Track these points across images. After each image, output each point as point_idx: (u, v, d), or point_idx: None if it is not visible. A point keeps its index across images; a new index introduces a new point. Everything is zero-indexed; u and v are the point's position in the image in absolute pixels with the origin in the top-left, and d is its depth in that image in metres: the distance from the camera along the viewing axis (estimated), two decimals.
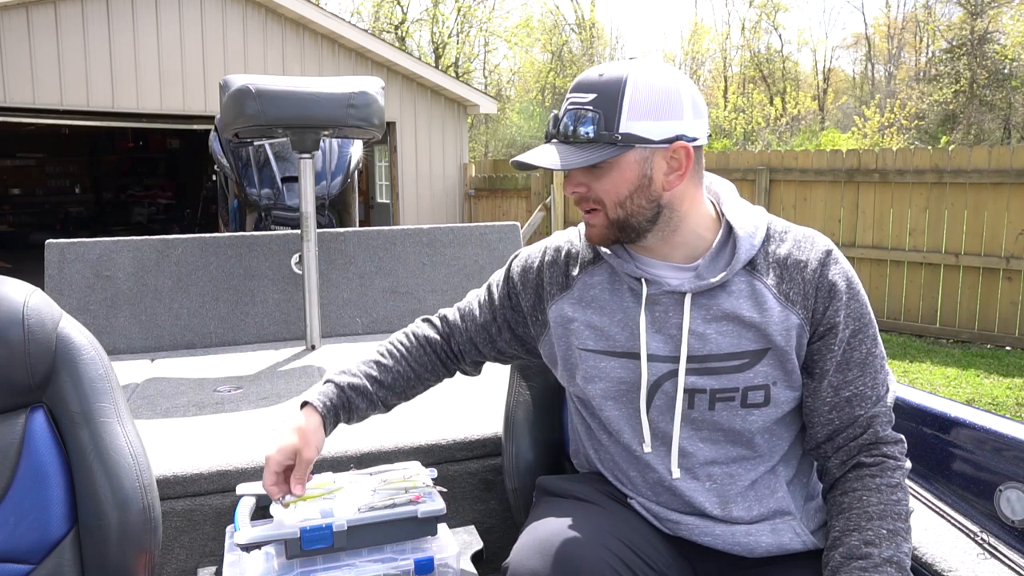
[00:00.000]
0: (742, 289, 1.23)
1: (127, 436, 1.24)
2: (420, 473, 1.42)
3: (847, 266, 1.26)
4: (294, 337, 2.81)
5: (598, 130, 1.17)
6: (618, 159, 1.18)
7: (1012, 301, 6.19)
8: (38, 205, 14.52)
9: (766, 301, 1.21)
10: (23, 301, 1.18)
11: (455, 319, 1.47)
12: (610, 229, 1.23)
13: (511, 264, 1.44)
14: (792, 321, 1.21)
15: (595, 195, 1.21)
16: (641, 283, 1.25)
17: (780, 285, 1.23)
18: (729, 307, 1.21)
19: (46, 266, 2.61)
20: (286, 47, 10.28)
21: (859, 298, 1.24)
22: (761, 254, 1.25)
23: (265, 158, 3.97)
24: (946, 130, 19.02)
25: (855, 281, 1.25)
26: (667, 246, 1.26)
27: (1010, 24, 19.65)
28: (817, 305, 1.22)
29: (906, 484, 1.21)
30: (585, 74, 1.21)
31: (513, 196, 10.57)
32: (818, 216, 7.27)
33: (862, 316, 1.24)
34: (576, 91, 1.20)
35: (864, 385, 1.23)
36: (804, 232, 1.28)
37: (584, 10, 30.57)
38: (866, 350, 1.23)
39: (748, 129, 21.23)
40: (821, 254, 1.24)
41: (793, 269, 1.23)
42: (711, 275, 1.23)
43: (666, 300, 1.24)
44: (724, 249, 1.26)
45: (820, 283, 1.22)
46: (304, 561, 1.25)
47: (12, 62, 8.69)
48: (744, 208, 1.30)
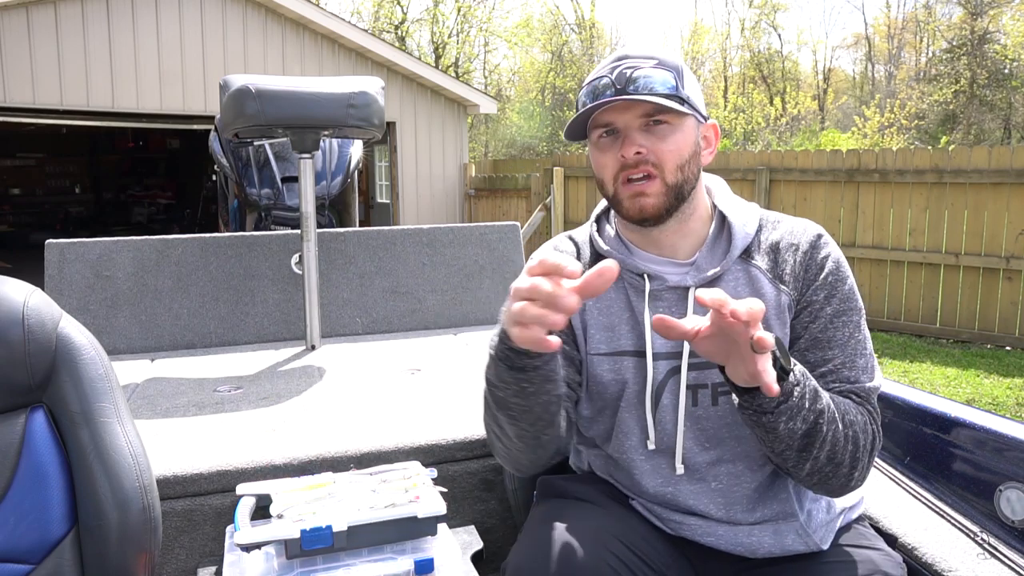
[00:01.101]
0: (739, 278, 1.24)
1: (127, 436, 1.24)
2: (420, 473, 1.42)
3: (837, 251, 1.27)
4: (294, 337, 2.81)
5: (677, 86, 1.19)
6: (683, 121, 1.20)
7: (1012, 301, 6.19)
8: (38, 205, 14.52)
9: (762, 285, 1.23)
10: (23, 301, 1.18)
11: None
12: (667, 196, 1.20)
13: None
14: (783, 300, 1.22)
15: (655, 158, 1.19)
16: (644, 279, 1.25)
17: (774, 268, 1.24)
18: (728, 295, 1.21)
19: (46, 266, 2.61)
20: (286, 47, 10.28)
21: (847, 282, 1.24)
22: (755, 242, 1.27)
23: (265, 158, 3.97)
24: (946, 130, 19.02)
25: (844, 265, 1.25)
26: (677, 234, 1.26)
27: (1010, 24, 19.65)
28: (804, 283, 1.23)
29: (868, 430, 1.16)
30: (625, 49, 1.24)
31: (513, 196, 10.57)
32: (818, 216, 7.27)
33: (848, 299, 1.23)
34: (627, 58, 1.20)
35: (843, 365, 1.20)
36: (797, 220, 1.31)
37: (584, 10, 30.57)
38: (848, 333, 1.21)
39: (748, 129, 21.22)
40: (812, 236, 1.26)
41: (786, 251, 1.25)
42: (710, 267, 1.24)
43: (669, 296, 1.25)
44: (719, 240, 1.27)
45: (809, 262, 1.24)
46: (304, 561, 1.25)
47: (12, 62, 8.69)
48: (736, 200, 1.32)
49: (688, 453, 1.23)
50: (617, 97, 1.16)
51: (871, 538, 1.25)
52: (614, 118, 1.20)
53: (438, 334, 2.85)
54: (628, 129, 1.20)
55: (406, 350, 2.61)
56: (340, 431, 1.79)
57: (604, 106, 1.17)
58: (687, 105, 1.19)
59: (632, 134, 1.19)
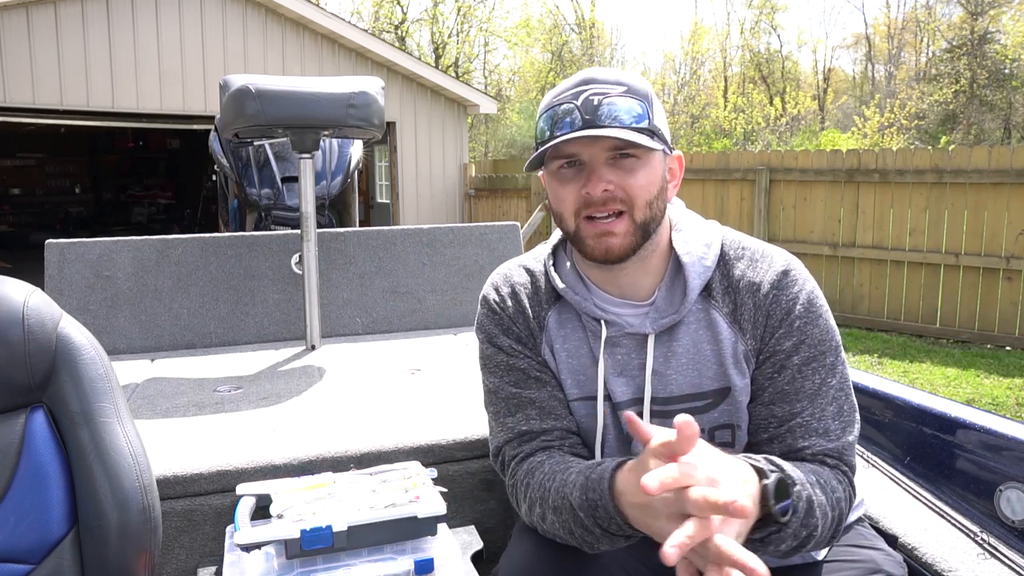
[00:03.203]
0: (700, 319, 1.16)
1: (127, 436, 1.24)
2: (420, 473, 1.42)
3: (808, 287, 1.14)
4: (294, 337, 2.81)
5: (646, 116, 1.09)
6: (651, 156, 1.12)
7: (1012, 301, 6.19)
8: (38, 205, 14.53)
9: (720, 331, 1.14)
10: (23, 301, 1.18)
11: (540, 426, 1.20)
12: (634, 234, 1.11)
13: (485, 358, 1.27)
14: (739, 349, 1.13)
15: (624, 194, 1.10)
16: (600, 325, 1.18)
17: (734, 312, 1.15)
18: (688, 341, 1.15)
19: (46, 266, 2.61)
20: (286, 47, 10.28)
21: (818, 323, 1.13)
22: (717, 276, 1.17)
23: (265, 158, 3.97)
24: (946, 130, 19.02)
25: (817, 303, 1.14)
26: (638, 272, 1.18)
27: (1010, 24, 19.65)
28: (767, 331, 1.13)
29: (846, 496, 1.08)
30: (591, 71, 1.15)
31: (513, 196, 10.57)
32: (818, 216, 7.27)
33: (820, 343, 1.12)
34: (593, 83, 1.11)
35: (811, 417, 1.10)
36: (762, 249, 1.18)
37: (584, 10, 30.55)
38: (819, 380, 1.11)
39: (748, 129, 21.21)
40: (776, 275, 1.14)
41: (745, 292, 1.15)
42: (670, 309, 1.16)
43: (627, 342, 1.18)
44: (677, 278, 1.18)
45: (772, 307, 1.13)
46: (304, 561, 1.25)
47: (12, 62, 8.69)
48: (694, 228, 1.21)
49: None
50: (584, 132, 1.07)
51: (871, 538, 1.25)
52: (578, 150, 1.10)
53: (438, 334, 2.85)
54: (594, 163, 1.10)
55: (406, 350, 2.61)
56: (340, 431, 1.79)
57: (571, 139, 1.07)
58: (656, 138, 1.10)
59: (599, 169, 1.10)
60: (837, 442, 1.10)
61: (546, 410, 1.20)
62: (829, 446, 1.10)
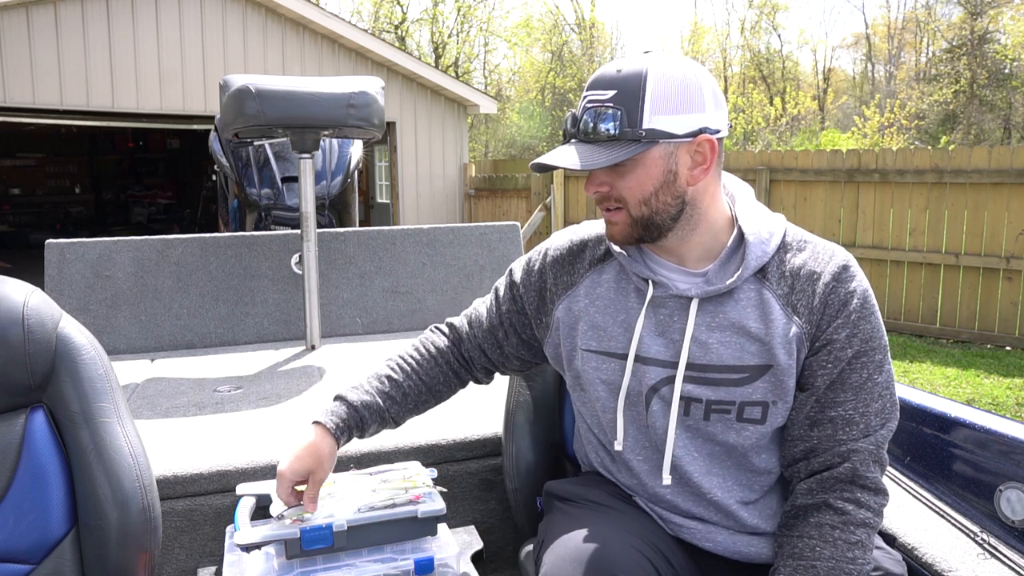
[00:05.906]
0: (750, 298, 1.18)
1: (127, 436, 1.24)
2: (420, 473, 1.42)
3: (864, 284, 1.19)
4: (294, 337, 2.81)
5: (621, 127, 1.12)
6: (642, 156, 1.14)
7: (1012, 301, 6.19)
8: (38, 205, 14.51)
9: (772, 312, 1.17)
10: (23, 301, 1.18)
11: (463, 326, 1.44)
12: (633, 228, 1.19)
13: (513, 268, 1.42)
14: (793, 332, 1.16)
15: (618, 194, 1.17)
16: (648, 284, 1.22)
17: (789, 296, 1.18)
18: (735, 316, 1.17)
19: (46, 266, 2.61)
20: (286, 47, 10.28)
21: (871, 320, 1.17)
22: (774, 262, 1.20)
23: (265, 158, 3.97)
24: (946, 130, 19.02)
25: (871, 302, 1.18)
26: (685, 245, 1.22)
27: (1010, 24, 19.64)
28: (823, 319, 1.16)
29: (870, 542, 1.14)
30: (602, 70, 1.17)
31: (513, 196, 10.57)
32: (818, 216, 7.27)
33: (871, 339, 1.17)
34: (594, 88, 1.16)
35: (854, 411, 1.16)
36: (824, 245, 1.23)
37: (584, 10, 30.58)
38: (867, 375, 1.16)
39: (748, 129, 21.20)
40: (837, 268, 1.18)
41: (805, 280, 1.18)
42: (720, 281, 1.19)
43: (672, 304, 1.21)
44: (735, 254, 1.21)
45: (830, 297, 1.16)
46: (304, 561, 1.25)
47: (12, 62, 8.69)
48: (760, 213, 1.25)
49: (679, 461, 1.21)
50: (560, 162, 1.15)
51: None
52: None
53: None
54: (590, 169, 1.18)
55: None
56: None
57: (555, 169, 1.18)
58: (643, 142, 1.12)
59: (594, 173, 1.19)
60: (875, 443, 1.16)
61: (480, 333, 1.42)
62: (867, 446, 1.15)
